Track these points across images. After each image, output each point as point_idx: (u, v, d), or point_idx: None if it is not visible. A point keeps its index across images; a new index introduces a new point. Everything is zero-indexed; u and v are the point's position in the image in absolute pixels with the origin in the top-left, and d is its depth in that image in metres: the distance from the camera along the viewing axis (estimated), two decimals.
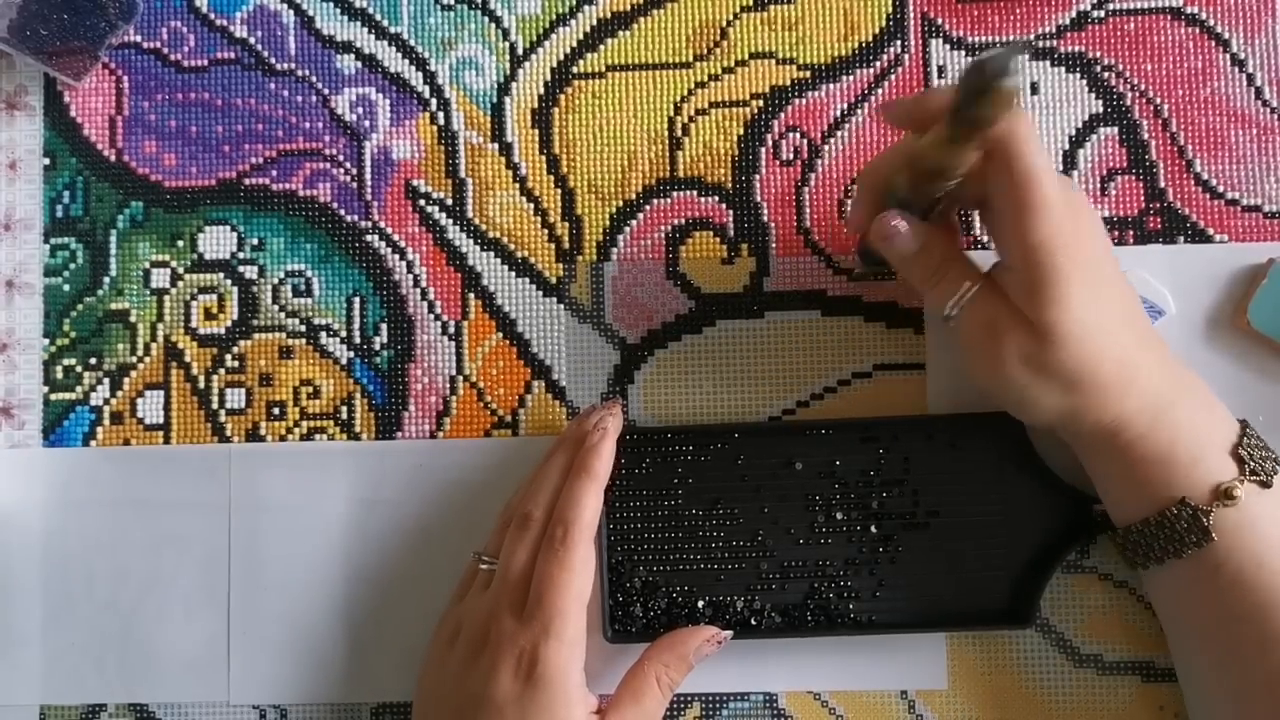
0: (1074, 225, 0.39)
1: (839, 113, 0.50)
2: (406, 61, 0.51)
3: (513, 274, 0.50)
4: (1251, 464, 0.40)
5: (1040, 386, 0.40)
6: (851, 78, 0.50)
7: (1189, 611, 0.42)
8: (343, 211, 0.51)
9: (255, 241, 0.51)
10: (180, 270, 0.51)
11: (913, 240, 0.42)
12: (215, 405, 0.50)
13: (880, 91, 0.50)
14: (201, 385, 0.50)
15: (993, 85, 0.33)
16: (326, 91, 0.51)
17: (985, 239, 0.49)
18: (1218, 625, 0.41)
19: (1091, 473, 0.44)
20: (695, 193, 0.50)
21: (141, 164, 0.51)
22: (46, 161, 0.51)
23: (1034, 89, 0.49)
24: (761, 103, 0.50)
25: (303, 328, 0.50)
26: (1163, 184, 0.49)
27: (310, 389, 0.50)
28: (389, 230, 0.50)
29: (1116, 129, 0.49)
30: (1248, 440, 0.41)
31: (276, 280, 0.51)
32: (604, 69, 0.50)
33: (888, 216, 0.42)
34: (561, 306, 0.50)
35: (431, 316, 0.50)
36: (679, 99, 0.50)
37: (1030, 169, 0.38)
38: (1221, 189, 0.49)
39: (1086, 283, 0.39)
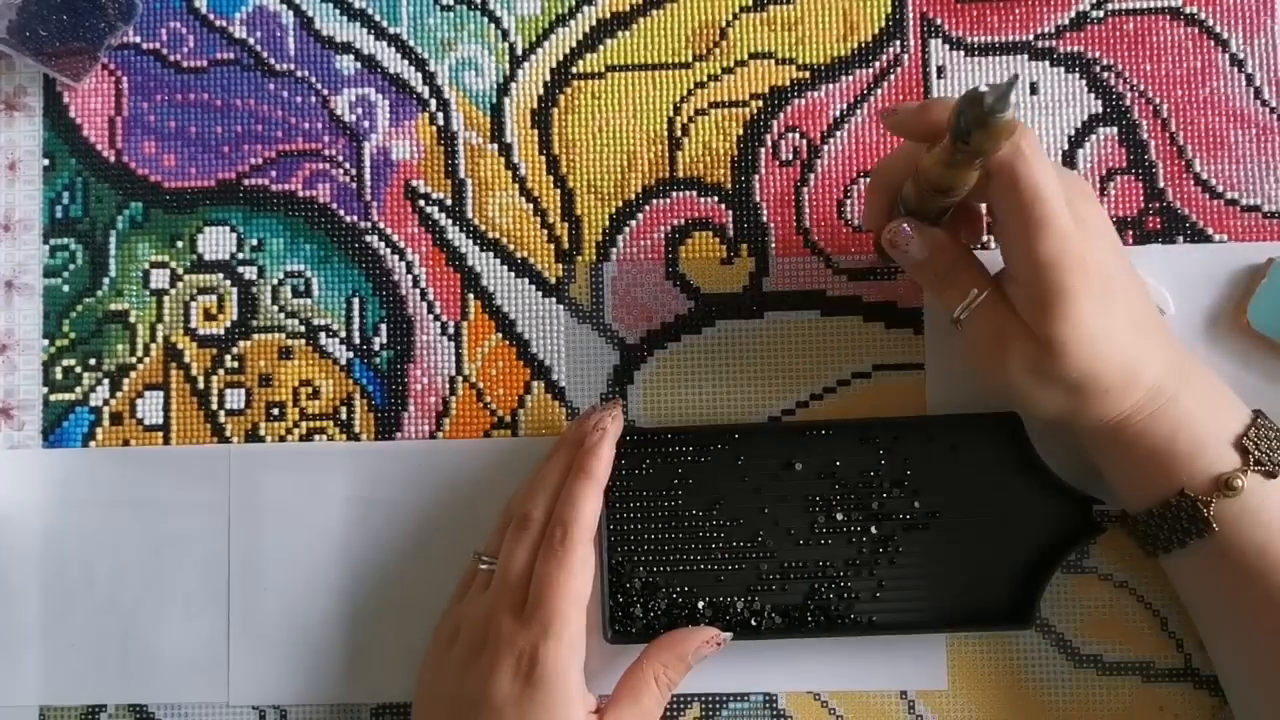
0: (1080, 239, 0.38)
1: (838, 113, 0.50)
2: (406, 62, 0.51)
3: (512, 274, 0.50)
4: (1256, 454, 0.40)
5: (1044, 391, 0.41)
6: (851, 78, 0.50)
7: (1202, 598, 0.43)
8: (342, 212, 0.51)
9: (255, 242, 0.51)
10: (180, 271, 0.51)
11: (921, 249, 0.42)
12: (215, 406, 0.50)
13: (880, 91, 0.50)
14: (201, 386, 0.50)
15: (989, 118, 0.33)
16: (326, 92, 0.51)
17: (985, 239, 0.49)
18: (1231, 611, 0.42)
19: (1099, 464, 0.44)
20: (695, 193, 0.50)
21: (141, 165, 0.51)
22: (46, 162, 0.51)
23: (1033, 89, 0.49)
24: (761, 103, 0.50)
25: (302, 328, 0.50)
26: (1162, 184, 0.49)
27: (310, 389, 0.50)
28: (388, 231, 0.50)
29: (1116, 129, 0.49)
30: (1256, 431, 0.41)
31: (276, 281, 0.51)
32: (603, 69, 0.50)
33: (896, 225, 0.42)
34: (561, 307, 0.50)
35: (431, 317, 0.50)
36: (678, 99, 0.50)
37: (1034, 188, 0.38)
38: (1221, 189, 0.49)
39: (1092, 294, 0.39)
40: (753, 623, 0.46)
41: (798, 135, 0.50)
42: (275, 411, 0.50)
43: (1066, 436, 0.47)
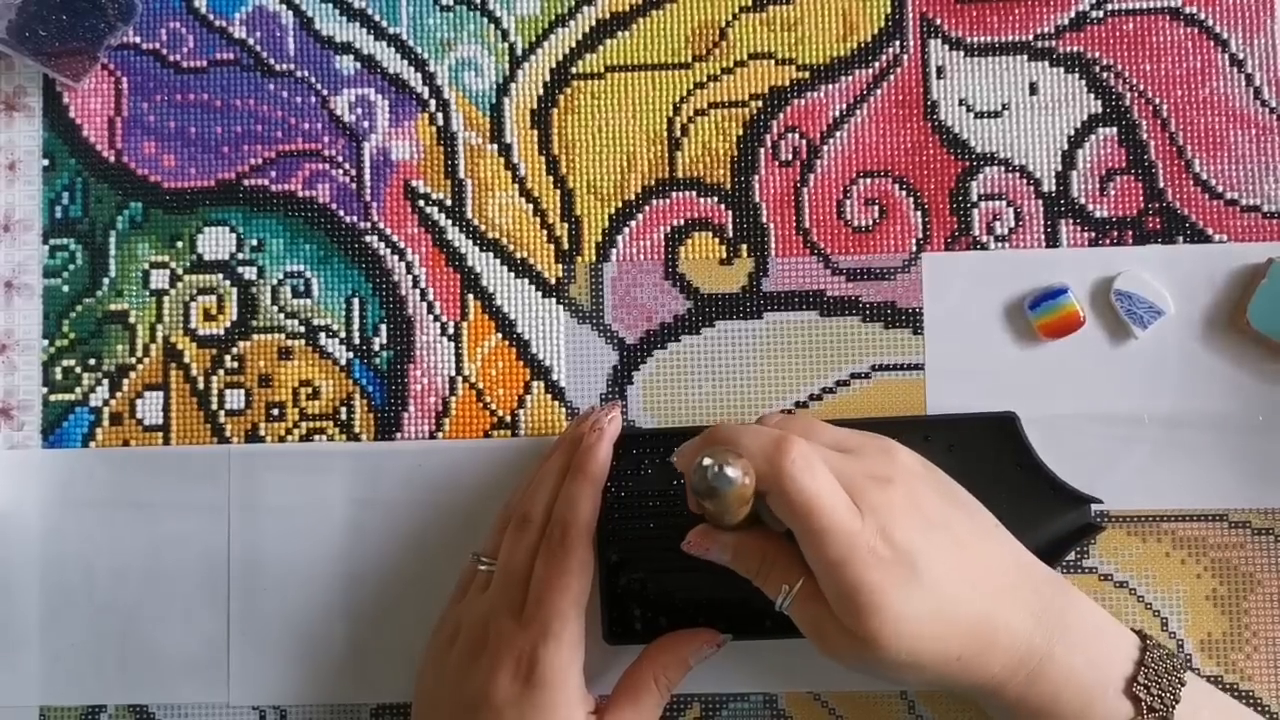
0: (869, 532, 0.37)
1: (838, 113, 0.50)
2: (405, 62, 0.51)
3: (512, 275, 0.50)
4: (1148, 699, 0.38)
5: (888, 673, 0.38)
6: (850, 78, 0.50)
7: None
8: (342, 212, 0.51)
9: (254, 242, 0.51)
10: (179, 271, 0.51)
11: (724, 553, 0.41)
12: (214, 406, 0.50)
13: (879, 91, 0.50)
14: (201, 386, 0.50)
15: (715, 491, 0.33)
16: (325, 92, 0.51)
17: (984, 240, 0.49)
18: None
19: None
20: (694, 193, 0.50)
21: (141, 165, 0.51)
22: (46, 162, 0.51)
23: (1033, 89, 0.49)
24: (760, 103, 0.50)
25: (302, 329, 0.50)
26: (1162, 184, 0.49)
27: (309, 390, 0.50)
28: (388, 231, 0.50)
29: (1115, 129, 0.49)
30: (1146, 672, 0.39)
31: (276, 281, 0.51)
32: (603, 69, 0.50)
33: (694, 535, 0.41)
34: (561, 307, 0.50)
35: (431, 317, 0.50)
36: (678, 99, 0.50)
37: (805, 504, 0.37)
38: (1220, 189, 0.49)
39: (901, 580, 0.37)
40: (753, 623, 0.46)
41: (797, 135, 0.50)
42: (275, 412, 0.50)
43: (1066, 436, 0.47)
